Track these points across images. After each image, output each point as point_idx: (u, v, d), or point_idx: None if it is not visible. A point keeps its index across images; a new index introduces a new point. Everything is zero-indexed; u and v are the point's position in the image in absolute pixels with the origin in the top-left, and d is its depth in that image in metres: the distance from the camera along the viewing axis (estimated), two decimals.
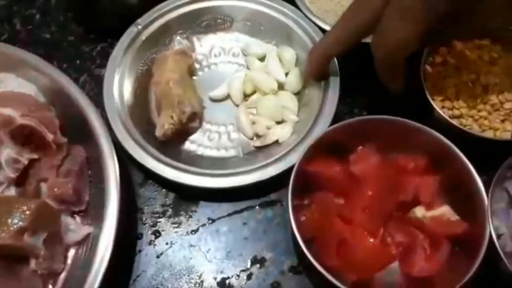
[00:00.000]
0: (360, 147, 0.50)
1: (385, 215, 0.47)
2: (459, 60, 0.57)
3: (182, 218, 0.54)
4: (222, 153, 0.57)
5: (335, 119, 0.54)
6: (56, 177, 0.51)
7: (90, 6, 0.63)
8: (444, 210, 0.47)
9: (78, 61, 0.64)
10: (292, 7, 0.61)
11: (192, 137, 0.58)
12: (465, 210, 0.47)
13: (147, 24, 0.61)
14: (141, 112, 0.58)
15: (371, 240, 0.45)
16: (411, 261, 0.46)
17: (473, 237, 0.44)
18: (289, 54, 0.60)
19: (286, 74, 0.60)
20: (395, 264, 0.47)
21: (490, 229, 0.43)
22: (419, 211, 0.48)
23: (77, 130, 0.52)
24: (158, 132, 0.54)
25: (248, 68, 0.61)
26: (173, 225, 0.53)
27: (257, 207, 0.54)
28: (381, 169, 0.48)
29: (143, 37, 0.60)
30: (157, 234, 0.53)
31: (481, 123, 0.54)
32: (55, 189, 0.50)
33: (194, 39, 0.63)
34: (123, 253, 0.50)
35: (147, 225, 0.53)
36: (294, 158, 0.51)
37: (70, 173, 0.50)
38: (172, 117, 0.54)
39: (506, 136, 0.53)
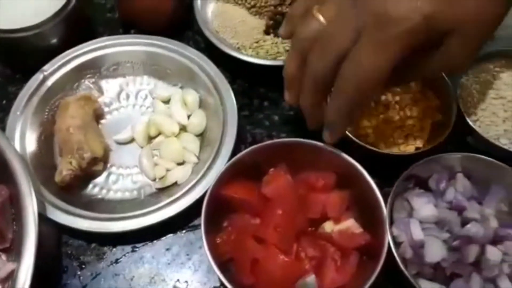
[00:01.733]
0: (271, 169, 0.52)
1: (296, 231, 0.50)
2: None
3: (106, 248, 0.55)
4: (125, 195, 0.58)
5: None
6: None
7: (14, 48, 0.64)
8: (349, 224, 0.50)
9: (4, 101, 0.65)
10: (195, 51, 0.64)
11: (96, 181, 0.59)
12: (369, 222, 0.50)
13: (54, 70, 0.62)
14: (45, 158, 0.59)
15: (282, 257, 0.48)
16: (324, 273, 0.49)
17: (375, 246, 0.47)
18: (192, 96, 0.62)
19: (190, 116, 0.62)
20: (313, 278, 0.49)
21: (388, 238, 0.47)
22: (328, 226, 0.50)
23: None
24: (57, 178, 0.55)
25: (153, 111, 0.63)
26: (98, 256, 0.55)
27: (179, 232, 0.56)
28: (291, 188, 0.51)
29: (49, 83, 0.62)
30: (82, 266, 0.54)
31: (386, 140, 0.57)
32: None
33: (103, 82, 0.65)
34: (48, 287, 0.52)
35: (72, 258, 0.55)
36: (192, 197, 0.54)
37: None
38: (71, 163, 0.55)
39: (409, 150, 0.57)
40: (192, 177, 0.57)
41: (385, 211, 0.48)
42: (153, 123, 0.61)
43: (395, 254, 0.47)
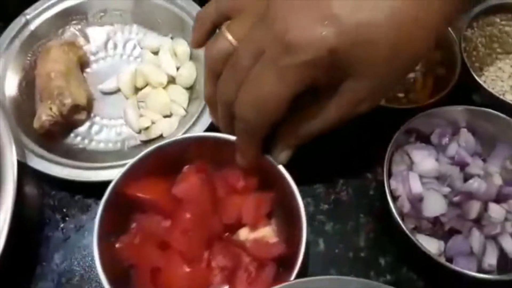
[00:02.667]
0: (186, 167, 0.47)
1: (209, 237, 0.45)
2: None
3: (90, 201, 0.53)
4: (109, 147, 0.56)
5: None
6: None
7: None
8: (265, 232, 0.46)
9: None
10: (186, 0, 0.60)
11: (78, 130, 0.56)
12: (289, 230, 0.45)
13: (37, 14, 0.59)
14: (25, 104, 0.56)
15: (186, 267, 0.43)
16: (235, 286, 0.44)
17: (291, 257, 0.42)
18: (182, 47, 0.59)
19: (179, 68, 0.59)
20: None
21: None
22: (243, 233, 0.46)
23: None
24: (35, 124, 0.53)
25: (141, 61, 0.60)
26: (82, 209, 0.53)
27: None
28: (205, 189, 0.45)
29: (32, 27, 0.59)
30: (65, 218, 0.52)
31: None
32: None
33: (90, 30, 0.62)
34: (29, 238, 0.50)
35: (55, 210, 0.52)
36: None
37: None
38: (51, 109, 0.53)
39: (411, 104, 0.54)
40: (178, 130, 0.54)
41: (304, 221, 0.42)
42: (140, 73, 0.58)
43: (392, 208, 0.45)
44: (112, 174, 0.46)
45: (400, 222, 0.44)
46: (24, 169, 0.47)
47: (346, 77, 0.39)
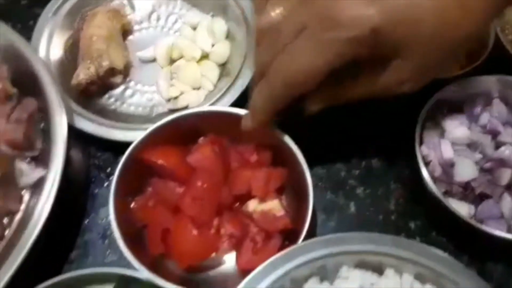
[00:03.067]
0: (201, 138, 0.49)
1: (219, 206, 0.47)
2: None
3: None
4: (138, 110, 0.59)
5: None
6: (7, 124, 0.52)
7: None
8: (273, 205, 0.47)
9: (31, 22, 0.65)
10: None
11: (112, 92, 0.60)
12: (297, 206, 0.47)
13: None
14: (68, 65, 0.60)
15: (195, 230, 0.45)
16: (241, 253, 0.46)
17: (296, 232, 0.44)
18: (219, 26, 0.62)
19: (214, 45, 0.61)
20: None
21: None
22: (252, 205, 0.48)
23: (28, 85, 0.54)
24: (73, 81, 0.57)
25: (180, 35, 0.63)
26: None
27: None
28: (217, 160, 0.48)
29: None
30: (109, 177, 0.56)
31: None
32: (6, 135, 0.52)
33: (136, 1, 0.65)
34: (76, 195, 0.54)
35: (100, 169, 0.56)
36: None
37: (21, 120, 0.52)
38: (89, 69, 0.56)
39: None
40: (204, 103, 0.57)
41: (311, 199, 0.44)
42: (176, 45, 0.61)
43: (423, 171, 0.47)
44: (137, 136, 0.49)
45: (432, 184, 0.46)
46: (71, 132, 0.50)
47: (390, 56, 0.40)
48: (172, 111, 0.58)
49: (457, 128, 0.49)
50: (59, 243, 0.52)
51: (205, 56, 0.61)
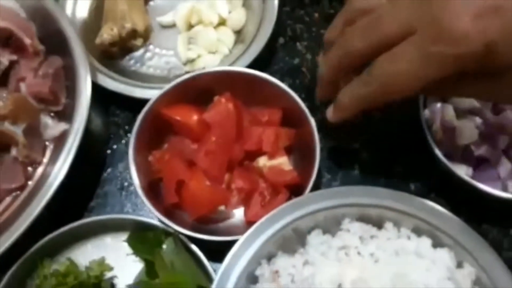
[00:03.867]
0: (217, 96, 0.52)
1: (230, 161, 0.50)
2: None
3: None
4: (156, 72, 0.62)
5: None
6: (34, 78, 0.56)
7: None
8: (281, 161, 0.50)
9: None
10: None
11: (133, 54, 0.63)
12: (304, 164, 0.49)
13: None
14: (93, 25, 0.64)
15: (207, 182, 0.48)
16: (249, 206, 0.50)
17: (302, 188, 0.48)
18: None
19: (231, 12, 0.64)
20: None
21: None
22: (262, 161, 0.51)
23: (55, 43, 0.57)
24: (97, 40, 0.60)
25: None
26: None
27: None
28: (231, 117, 0.50)
29: None
30: (127, 134, 0.59)
31: None
32: (33, 87, 0.55)
33: None
34: (96, 149, 0.58)
35: (119, 126, 0.60)
36: None
37: (47, 75, 0.55)
38: (112, 29, 0.60)
39: None
40: (218, 67, 0.59)
41: (317, 158, 0.47)
42: (195, 10, 0.63)
43: (427, 134, 0.48)
44: (155, 95, 0.52)
45: (434, 145, 0.48)
46: (94, 89, 0.53)
47: (502, 70, 0.38)
48: (188, 72, 0.61)
49: None
50: (79, 193, 0.55)
51: (222, 23, 0.63)
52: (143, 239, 0.47)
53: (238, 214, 0.51)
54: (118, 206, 0.55)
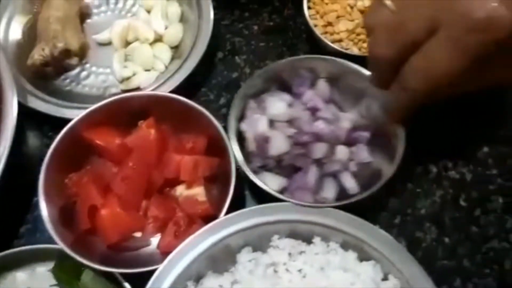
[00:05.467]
0: (141, 121, 0.51)
1: (148, 187, 0.49)
2: None
3: None
4: (92, 91, 0.61)
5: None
6: None
7: None
8: (198, 191, 0.49)
9: None
10: None
11: (68, 74, 0.62)
12: (222, 195, 0.48)
13: None
14: (26, 47, 0.62)
15: (120, 209, 0.47)
16: (163, 236, 0.49)
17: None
18: (173, 8, 0.64)
19: (168, 27, 0.63)
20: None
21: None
22: (180, 189, 0.50)
23: None
24: (28, 61, 0.59)
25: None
26: None
27: None
28: (151, 144, 0.49)
29: None
30: None
31: (360, 46, 0.57)
32: None
33: None
34: (28, 170, 0.54)
35: None
36: None
37: None
38: (43, 50, 0.59)
39: None
40: (154, 84, 0.59)
41: (231, 191, 0.47)
42: (131, 27, 0.62)
43: (234, 147, 0.48)
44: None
45: (242, 161, 0.48)
46: (25, 111, 0.52)
47: None
48: (125, 91, 0.60)
49: (275, 104, 0.51)
50: (9, 218, 0.54)
51: (158, 39, 0.63)
52: (66, 268, 0.46)
53: (156, 241, 0.50)
54: (47, 232, 0.53)
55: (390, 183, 0.53)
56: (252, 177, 0.48)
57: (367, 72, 0.50)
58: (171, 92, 0.56)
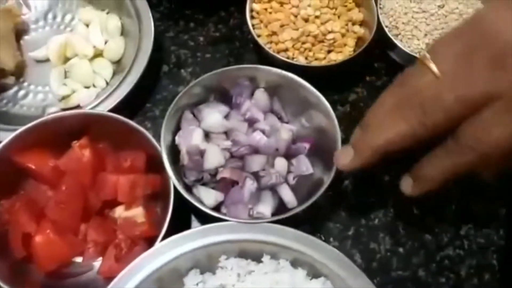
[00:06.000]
0: (75, 142, 0.48)
1: (86, 210, 0.47)
2: None
3: None
4: (30, 111, 0.58)
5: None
6: None
7: None
8: (137, 211, 0.47)
9: None
10: None
11: (4, 94, 0.59)
12: (162, 214, 0.46)
13: None
14: None
15: (58, 235, 0.45)
16: (104, 259, 0.46)
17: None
18: (113, 22, 0.61)
19: (108, 41, 0.61)
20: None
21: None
22: (118, 211, 0.48)
23: None
24: None
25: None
26: None
27: None
28: (85, 165, 0.47)
29: None
30: None
31: (306, 54, 0.56)
32: None
33: (31, 0, 0.64)
34: None
35: None
36: None
37: None
38: None
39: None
40: (95, 101, 0.56)
41: (170, 205, 0.45)
42: (69, 43, 0.60)
43: (164, 161, 0.46)
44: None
45: (173, 178, 0.46)
46: None
47: None
48: (65, 110, 0.57)
49: (210, 115, 0.49)
50: None
51: (99, 54, 0.60)
52: None
53: (98, 266, 0.48)
54: None
55: (341, 194, 0.53)
56: (184, 193, 0.45)
57: (306, 83, 0.50)
58: (113, 108, 0.53)
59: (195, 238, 0.45)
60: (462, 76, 0.39)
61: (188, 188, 0.48)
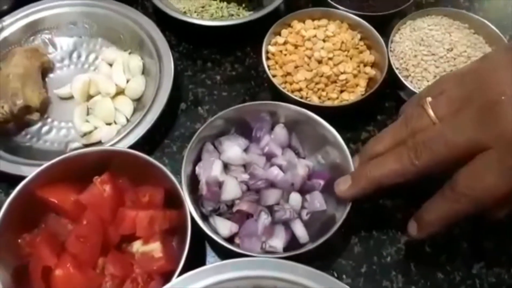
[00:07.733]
0: (96, 177, 0.49)
1: (104, 245, 0.48)
2: (297, 39, 0.61)
3: None
4: (53, 146, 0.61)
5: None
6: None
7: None
8: (155, 246, 0.48)
9: None
10: (145, 17, 0.65)
11: (29, 129, 0.62)
12: (178, 249, 0.47)
13: (13, 21, 0.66)
14: None
15: (77, 269, 0.45)
16: None
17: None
18: (135, 62, 0.64)
19: (130, 80, 0.63)
20: None
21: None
22: (136, 245, 0.49)
23: None
24: None
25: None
26: None
27: None
28: (108, 199, 0.48)
29: (6, 33, 0.65)
30: None
31: (319, 94, 0.58)
32: None
33: (58, 39, 0.68)
34: None
35: None
36: None
37: None
38: (3, 107, 0.58)
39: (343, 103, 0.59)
40: (116, 138, 0.58)
41: (188, 241, 0.45)
42: (93, 82, 0.62)
43: (184, 191, 0.48)
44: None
45: (191, 206, 0.47)
46: None
47: None
48: (86, 146, 0.60)
49: (230, 148, 0.51)
50: None
51: (120, 92, 0.63)
52: None
53: None
54: None
55: (353, 230, 0.54)
56: (200, 223, 0.47)
57: (323, 121, 0.52)
58: (133, 145, 0.56)
59: (210, 274, 0.46)
60: (453, 124, 0.41)
61: (205, 218, 0.50)
